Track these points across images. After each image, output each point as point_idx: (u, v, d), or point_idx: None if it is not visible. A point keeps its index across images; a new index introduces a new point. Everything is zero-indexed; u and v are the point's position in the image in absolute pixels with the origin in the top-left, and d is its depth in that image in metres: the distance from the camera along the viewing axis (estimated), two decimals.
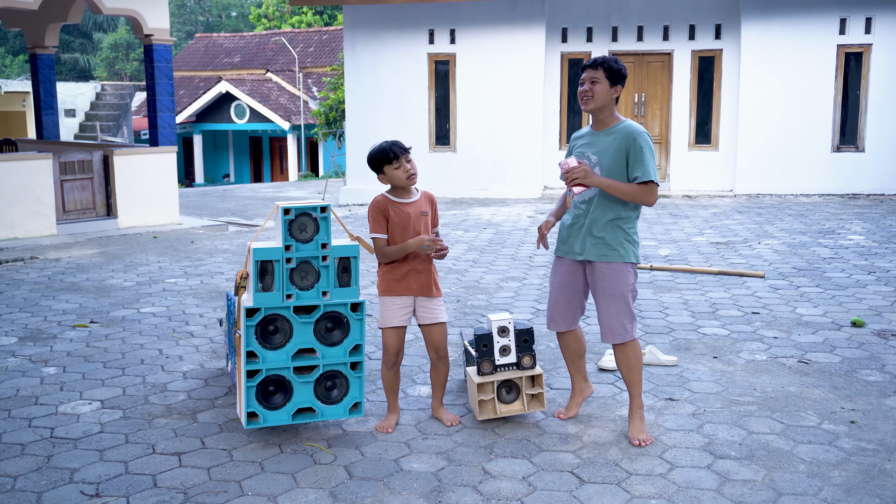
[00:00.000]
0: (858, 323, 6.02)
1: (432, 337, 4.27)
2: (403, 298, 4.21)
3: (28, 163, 10.45)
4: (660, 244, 9.56)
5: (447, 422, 4.31)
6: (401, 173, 4.12)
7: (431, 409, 4.46)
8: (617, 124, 4.08)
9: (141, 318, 6.62)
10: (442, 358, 4.31)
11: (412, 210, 4.17)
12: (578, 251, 4.12)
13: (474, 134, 14.87)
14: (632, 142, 3.98)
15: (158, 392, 4.89)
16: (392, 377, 4.32)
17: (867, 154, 13.81)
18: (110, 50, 46.53)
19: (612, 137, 4.04)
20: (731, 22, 14.14)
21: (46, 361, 5.48)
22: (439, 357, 4.31)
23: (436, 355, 4.31)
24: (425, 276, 4.21)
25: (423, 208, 4.21)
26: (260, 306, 3.94)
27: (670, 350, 5.53)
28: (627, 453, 3.93)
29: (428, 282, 4.22)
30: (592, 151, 4.08)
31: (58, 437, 4.21)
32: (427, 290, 4.22)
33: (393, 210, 4.15)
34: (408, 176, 4.13)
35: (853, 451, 3.90)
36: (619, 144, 4.01)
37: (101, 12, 11.11)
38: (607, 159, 4.02)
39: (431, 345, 4.30)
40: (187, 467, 3.85)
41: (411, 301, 4.23)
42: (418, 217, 4.18)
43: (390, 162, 4.11)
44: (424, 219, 4.21)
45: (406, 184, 4.15)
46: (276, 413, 4.07)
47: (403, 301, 4.22)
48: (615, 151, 4.01)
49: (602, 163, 4.04)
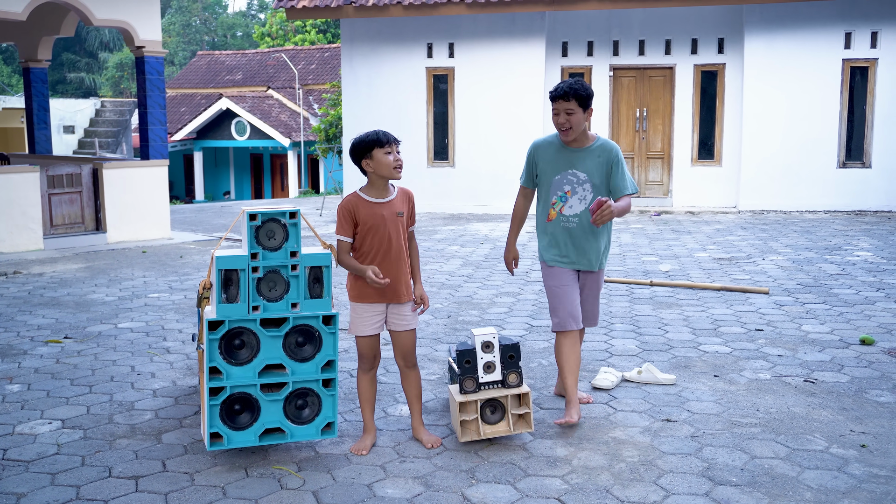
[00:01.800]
0: (868, 341, 5.72)
1: (402, 343, 4.03)
2: (376, 305, 3.95)
3: (14, 176, 10.22)
4: (661, 259, 9.27)
5: (427, 443, 4.02)
6: (390, 159, 3.82)
7: (412, 430, 4.16)
8: (594, 142, 4.31)
9: (118, 333, 6.35)
10: (411, 366, 4.07)
11: (386, 211, 3.89)
12: (593, 264, 4.38)
13: (473, 149, 14.65)
14: (614, 158, 4.25)
15: (124, 411, 4.61)
16: (368, 384, 4.03)
17: (874, 170, 13.54)
18: (115, 69, 46.59)
19: (597, 155, 4.27)
20: (735, 36, 13.92)
21: (11, 378, 5.21)
22: (407, 364, 4.07)
23: (403, 362, 4.07)
24: (397, 281, 3.93)
25: (398, 208, 3.93)
26: (224, 318, 3.67)
27: (669, 368, 5.24)
28: (619, 479, 3.63)
29: (400, 288, 3.95)
30: (580, 170, 4.28)
31: (9, 460, 3.93)
32: (399, 296, 3.95)
33: (365, 210, 3.86)
34: (395, 165, 3.83)
35: (864, 478, 3.60)
36: (604, 161, 4.26)
37: (91, 24, 10.93)
38: (597, 178, 4.27)
39: (400, 351, 4.05)
40: (143, 492, 3.56)
41: (384, 308, 3.97)
42: (392, 218, 3.90)
43: (382, 146, 3.82)
44: (399, 220, 3.93)
45: (392, 174, 3.84)
46: (242, 434, 3.78)
47: (376, 308, 3.96)
48: (602, 169, 4.26)
49: (593, 181, 4.27)
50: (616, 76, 14.55)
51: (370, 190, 3.91)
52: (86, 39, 47.65)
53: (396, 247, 3.91)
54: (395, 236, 3.91)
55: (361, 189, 3.94)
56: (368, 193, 3.91)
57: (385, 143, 3.82)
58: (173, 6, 52.71)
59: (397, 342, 4.04)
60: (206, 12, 55.19)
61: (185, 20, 53.26)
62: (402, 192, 4.01)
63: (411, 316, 4.02)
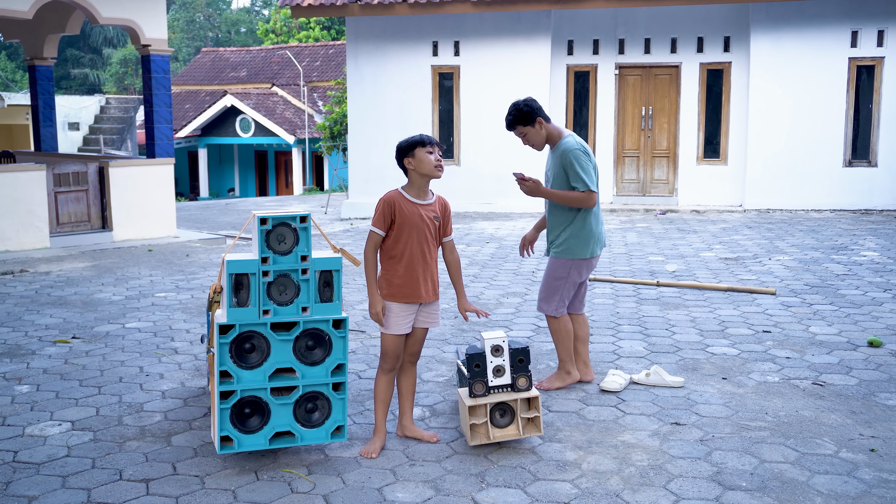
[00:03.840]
0: (876, 343, 5.72)
1: (417, 339, 4.14)
2: (408, 306, 4.03)
3: (21, 174, 10.24)
4: (667, 259, 9.27)
5: (429, 438, 4.12)
6: (431, 158, 3.96)
7: (402, 429, 4.19)
8: (559, 142, 4.77)
9: (125, 333, 6.36)
10: (415, 361, 4.21)
11: (424, 212, 4.01)
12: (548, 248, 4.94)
13: (478, 147, 14.63)
14: (566, 160, 4.67)
15: (134, 412, 4.62)
16: (387, 385, 4.09)
17: (880, 169, 13.50)
18: (119, 65, 46.59)
19: (557, 155, 4.75)
20: (741, 34, 13.88)
21: (20, 379, 5.23)
22: (413, 361, 4.20)
23: (411, 358, 4.18)
24: (423, 282, 4.04)
25: (435, 213, 4.05)
26: (234, 322, 3.68)
27: (677, 370, 5.24)
28: (629, 483, 3.64)
29: (427, 288, 4.05)
30: (547, 168, 4.88)
31: (20, 462, 3.94)
32: (420, 297, 4.04)
33: (404, 206, 3.97)
34: (436, 164, 3.97)
35: (874, 483, 3.60)
36: (558, 161, 4.73)
37: (97, 22, 10.93)
38: (552, 173, 4.80)
39: (414, 347, 4.15)
40: (154, 495, 3.57)
41: (416, 308, 4.07)
42: (430, 220, 4.03)
43: (424, 145, 3.98)
44: (435, 224, 4.05)
45: (433, 172, 3.97)
46: (253, 437, 3.79)
47: (409, 309, 4.04)
48: (558, 167, 4.74)
49: (549, 176, 4.84)
50: (622, 75, 14.52)
51: (410, 189, 4.03)
52: (90, 35, 47.64)
53: (428, 249, 4.02)
54: (429, 238, 4.02)
55: (403, 187, 4.04)
56: (409, 192, 4.02)
57: (427, 144, 3.99)
58: (177, 2, 52.69)
59: (414, 338, 4.13)
60: (210, 8, 55.15)
61: (188, 16, 53.22)
62: (439, 199, 4.12)
63: (436, 315, 4.14)
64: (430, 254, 4.03)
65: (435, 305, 4.12)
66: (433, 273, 4.07)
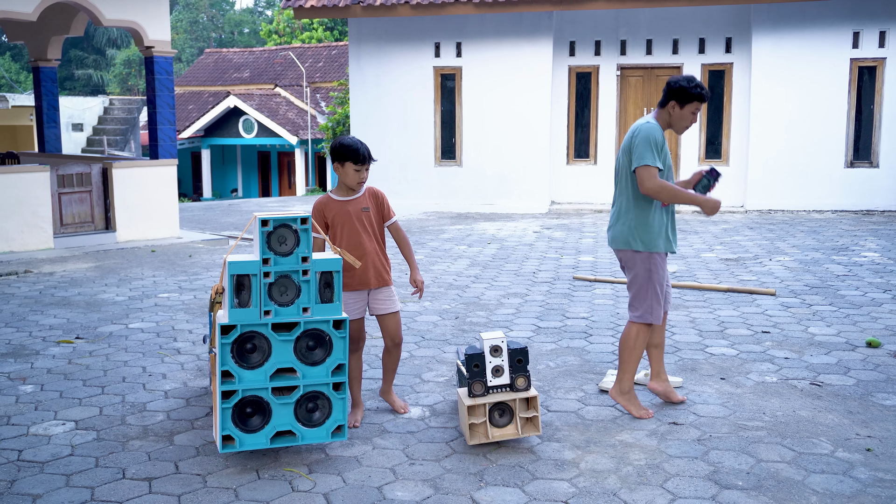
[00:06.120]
0: (874, 343, 5.75)
1: (388, 327, 4.45)
2: (354, 293, 4.35)
3: (25, 175, 10.30)
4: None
5: (399, 408, 4.53)
6: (356, 177, 4.26)
7: (381, 393, 4.64)
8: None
9: (128, 333, 6.41)
10: (397, 344, 4.49)
11: (352, 207, 4.31)
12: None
13: (480, 148, 14.67)
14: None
15: (137, 412, 4.66)
16: (354, 363, 4.39)
17: (881, 170, 13.52)
18: (123, 66, 46.69)
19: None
20: (742, 35, 13.91)
21: (25, 379, 5.27)
22: (395, 344, 4.49)
23: (392, 342, 4.49)
24: (374, 268, 4.34)
25: (363, 205, 4.33)
26: (236, 323, 3.72)
27: (675, 371, 5.27)
28: (626, 482, 3.67)
29: (370, 275, 4.33)
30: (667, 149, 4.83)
31: (24, 461, 3.99)
32: (369, 283, 4.34)
33: (332, 206, 4.31)
34: (359, 182, 4.29)
35: (869, 482, 3.63)
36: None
37: (101, 24, 10.98)
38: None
39: (388, 334, 4.47)
40: (157, 494, 3.62)
41: (364, 295, 4.39)
42: (358, 213, 4.32)
43: (355, 162, 4.23)
44: (366, 215, 4.33)
45: (353, 187, 4.32)
46: (254, 436, 3.83)
47: (356, 296, 4.35)
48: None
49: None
50: (623, 76, 14.56)
51: (339, 190, 4.37)
52: (93, 36, 47.76)
53: (365, 238, 4.31)
54: (363, 229, 4.31)
55: (332, 190, 4.39)
56: (337, 193, 4.36)
57: (358, 161, 4.24)
58: (180, 3, 52.81)
59: (384, 325, 4.46)
60: (214, 9, 55.26)
61: (192, 17, 53.33)
62: (369, 190, 4.40)
63: (390, 301, 4.43)
64: (368, 242, 4.31)
65: (385, 291, 4.41)
66: (375, 261, 4.35)
